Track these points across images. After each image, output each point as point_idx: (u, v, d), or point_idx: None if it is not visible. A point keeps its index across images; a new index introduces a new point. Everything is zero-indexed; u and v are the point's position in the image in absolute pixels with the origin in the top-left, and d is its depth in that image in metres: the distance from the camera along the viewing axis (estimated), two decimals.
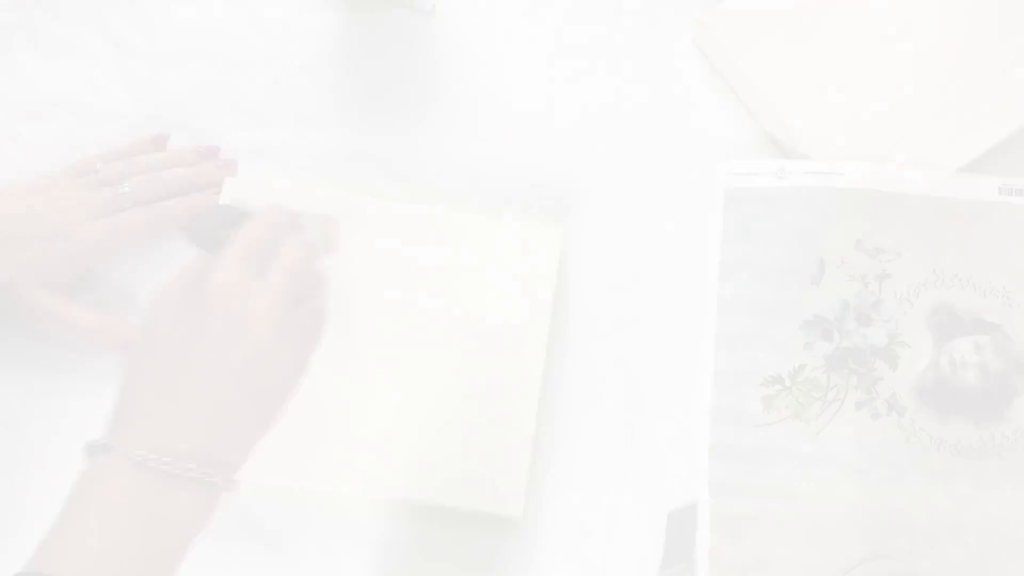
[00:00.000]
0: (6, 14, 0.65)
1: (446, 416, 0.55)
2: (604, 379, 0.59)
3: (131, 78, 0.64)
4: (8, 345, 0.57)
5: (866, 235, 0.60)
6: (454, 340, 0.56)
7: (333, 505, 0.54)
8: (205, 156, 0.62)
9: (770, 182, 0.61)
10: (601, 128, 0.64)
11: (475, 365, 0.56)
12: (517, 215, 0.57)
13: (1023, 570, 0.54)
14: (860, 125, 0.61)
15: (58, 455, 0.46)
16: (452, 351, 0.56)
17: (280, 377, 0.44)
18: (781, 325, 0.58)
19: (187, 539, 0.41)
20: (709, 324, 0.60)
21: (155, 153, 0.61)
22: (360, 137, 0.63)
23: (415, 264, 0.58)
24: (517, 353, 0.56)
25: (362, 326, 0.57)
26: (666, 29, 0.66)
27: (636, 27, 0.66)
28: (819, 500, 0.56)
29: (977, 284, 0.59)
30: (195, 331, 0.42)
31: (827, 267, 0.59)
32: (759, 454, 0.57)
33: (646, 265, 0.61)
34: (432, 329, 0.57)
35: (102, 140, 0.63)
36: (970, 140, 0.60)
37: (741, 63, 0.62)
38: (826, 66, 0.62)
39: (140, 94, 0.64)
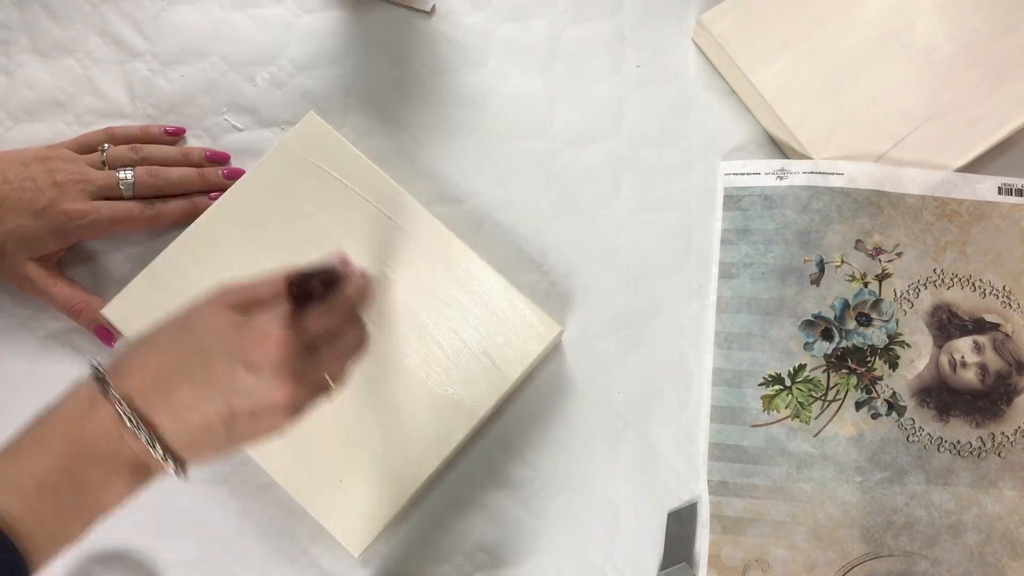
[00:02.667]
0: (7, 14, 0.65)
1: (362, 429, 0.55)
2: (605, 379, 0.59)
3: (131, 78, 0.64)
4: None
5: (866, 235, 0.60)
6: (413, 363, 0.56)
7: None
8: (213, 160, 0.62)
9: (770, 182, 0.61)
10: (601, 128, 0.64)
11: (416, 400, 0.55)
12: (531, 305, 0.56)
13: (1022, 570, 0.55)
14: (860, 125, 0.61)
15: None
16: (405, 371, 0.56)
17: (270, 423, 0.41)
18: (781, 325, 0.58)
19: (109, 507, 0.40)
20: (709, 324, 0.60)
21: (165, 145, 0.61)
22: (360, 137, 0.63)
23: (423, 279, 0.57)
24: (458, 405, 0.55)
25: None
26: (666, 29, 0.66)
27: (636, 27, 0.66)
28: (819, 500, 0.56)
29: (977, 284, 0.59)
30: (226, 348, 0.40)
31: (827, 267, 0.59)
32: (759, 454, 0.57)
33: (646, 264, 0.61)
34: (404, 344, 0.56)
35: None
36: (970, 140, 0.60)
37: (741, 63, 0.62)
38: (826, 66, 0.62)
39: (140, 94, 0.64)
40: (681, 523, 0.57)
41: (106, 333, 0.57)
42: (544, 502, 0.57)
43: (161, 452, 0.39)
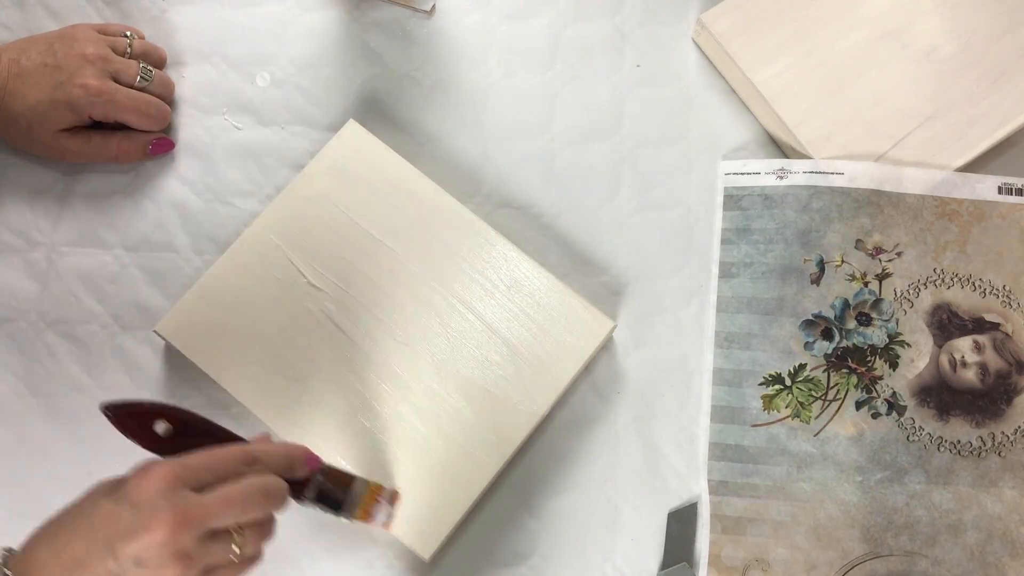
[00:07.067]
0: (8, 15, 0.65)
1: (423, 433, 0.55)
2: (605, 379, 0.59)
3: None
4: None
5: (866, 235, 0.60)
6: (471, 366, 0.56)
7: None
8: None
9: (770, 182, 0.61)
10: (601, 128, 0.64)
11: (472, 403, 0.56)
12: (583, 302, 0.57)
13: (1023, 570, 0.55)
14: (860, 125, 0.61)
15: None
16: (461, 377, 0.56)
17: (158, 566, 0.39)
18: (781, 325, 0.58)
19: None
20: (709, 324, 0.60)
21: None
22: None
23: (474, 282, 0.58)
24: (517, 406, 0.56)
25: (406, 315, 0.57)
26: (666, 29, 0.66)
27: (636, 26, 0.66)
28: (819, 500, 0.56)
29: (977, 284, 0.59)
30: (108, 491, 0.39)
31: (827, 267, 0.59)
32: (759, 454, 0.57)
33: (645, 265, 0.61)
34: (460, 349, 0.56)
35: None
36: (970, 140, 0.60)
37: (741, 62, 0.62)
38: (826, 65, 0.62)
39: None
40: (681, 523, 0.57)
41: (165, 143, 0.61)
42: (544, 502, 0.57)
43: None
